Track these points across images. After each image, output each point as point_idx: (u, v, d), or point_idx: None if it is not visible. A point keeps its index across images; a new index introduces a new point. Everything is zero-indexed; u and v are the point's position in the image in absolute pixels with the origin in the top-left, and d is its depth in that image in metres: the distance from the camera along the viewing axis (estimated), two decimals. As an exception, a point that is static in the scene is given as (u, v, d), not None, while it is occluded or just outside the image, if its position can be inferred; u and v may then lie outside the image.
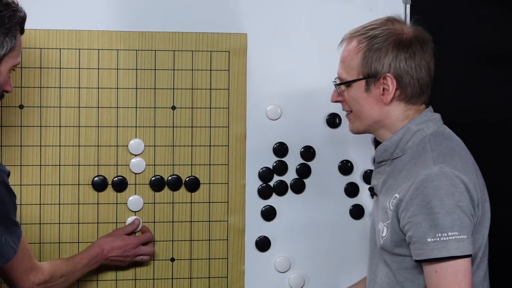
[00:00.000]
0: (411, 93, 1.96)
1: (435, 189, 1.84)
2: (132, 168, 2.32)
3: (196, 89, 2.35)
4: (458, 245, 1.82)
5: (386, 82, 1.95)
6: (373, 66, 1.95)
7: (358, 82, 1.98)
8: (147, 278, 2.34)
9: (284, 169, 2.40)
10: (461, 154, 1.92)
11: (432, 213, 1.83)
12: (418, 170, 1.89)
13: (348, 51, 2.00)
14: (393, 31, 1.97)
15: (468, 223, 1.84)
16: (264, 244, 2.40)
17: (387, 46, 1.95)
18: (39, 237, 2.29)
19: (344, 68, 2.01)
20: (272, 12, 2.38)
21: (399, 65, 1.94)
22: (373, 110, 1.98)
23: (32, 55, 2.27)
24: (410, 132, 1.96)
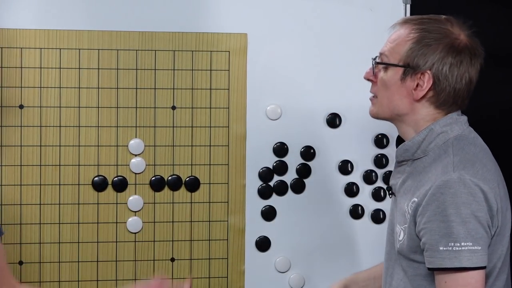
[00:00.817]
0: (443, 99, 1.90)
1: (452, 197, 1.79)
2: (132, 168, 2.32)
3: (196, 89, 2.35)
4: (471, 256, 1.77)
5: (423, 78, 1.89)
6: (417, 58, 1.89)
7: (396, 68, 1.91)
8: (147, 278, 2.34)
9: (284, 169, 2.40)
10: (484, 161, 1.87)
11: (446, 221, 1.78)
12: (438, 174, 1.83)
13: (398, 34, 1.94)
14: (448, 32, 1.91)
15: (484, 234, 1.79)
16: (264, 244, 2.40)
17: (437, 46, 1.89)
18: (39, 237, 2.29)
19: (390, 48, 1.94)
20: (272, 12, 2.38)
21: (442, 67, 1.88)
22: (400, 101, 1.92)
23: (33, 55, 2.27)
24: (434, 133, 1.90)
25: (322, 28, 2.40)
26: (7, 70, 2.26)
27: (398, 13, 2.42)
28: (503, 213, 1.85)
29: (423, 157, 1.91)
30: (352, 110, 2.42)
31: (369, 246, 2.44)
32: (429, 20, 1.94)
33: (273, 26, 2.38)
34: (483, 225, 1.79)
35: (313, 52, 2.40)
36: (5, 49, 2.26)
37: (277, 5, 2.38)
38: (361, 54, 2.41)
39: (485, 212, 1.79)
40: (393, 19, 2.42)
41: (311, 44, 2.40)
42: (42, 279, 2.29)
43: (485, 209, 1.80)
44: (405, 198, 1.90)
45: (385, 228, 2.43)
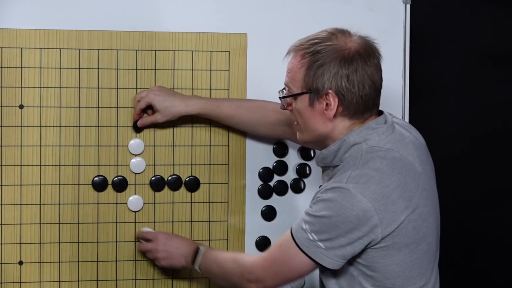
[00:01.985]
0: (354, 109, 1.95)
1: (330, 200, 1.90)
2: (132, 168, 2.32)
3: (196, 89, 2.35)
4: (310, 246, 1.92)
5: (328, 98, 1.94)
6: (315, 82, 1.95)
7: (302, 96, 1.98)
8: (147, 278, 2.34)
9: (284, 169, 2.40)
10: (383, 177, 1.91)
11: (315, 215, 1.91)
12: (334, 181, 1.93)
13: (292, 64, 2.00)
14: (335, 46, 1.95)
15: (335, 241, 1.90)
16: (264, 244, 2.40)
17: (329, 63, 1.93)
18: (39, 237, 2.29)
19: (290, 79, 2.01)
20: (272, 12, 2.38)
21: (340, 82, 1.93)
22: (318, 124, 1.98)
23: (32, 55, 2.27)
24: (347, 144, 1.96)
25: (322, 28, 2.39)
26: (7, 70, 2.26)
27: (398, 13, 2.42)
28: (400, 225, 1.90)
29: (339, 165, 1.98)
30: (352, 110, 2.42)
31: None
32: (315, 41, 1.98)
33: (273, 26, 2.38)
34: (340, 235, 1.89)
35: (313, 52, 2.40)
36: (5, 49, 2.26)
37: (277, 5, 2.38)
38: (361, 54, 2.41)
39: (350, 225, 1.88)
40: (393, 19, 2.43)
41: (311, 44, 2.39)
42: (42, 279, 2.29)
43: (353, 223, 1.88)
44: None
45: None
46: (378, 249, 1.92)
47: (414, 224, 1.92)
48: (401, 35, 2.43)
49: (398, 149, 1.95)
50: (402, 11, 2.43)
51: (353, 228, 1.88)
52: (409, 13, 2.43)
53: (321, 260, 1.92)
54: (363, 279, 1.96)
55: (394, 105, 2.42)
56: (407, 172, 1.94)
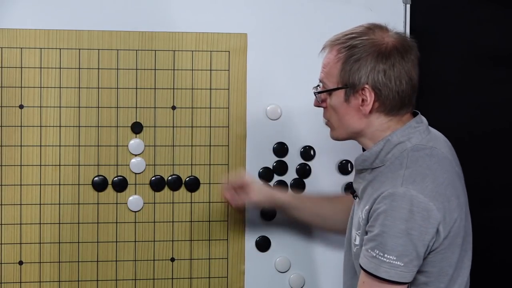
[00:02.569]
0: (390, 105, 1.92)
1: (392, 209, 1.82)
2: (132, 168, 2.32)
3: (196, 89, 2.35)
4: (390, 270, 1.82)
5: (364, 93, 1.91)
6: (351, 77, 1.92)
7: (337, 91, 1.95)
8: (147, 278, 2.34)
9: (284, 169, 2.40)
10: (437, 174, 1.87)
11: (381, 230, 1.82)
12: (387, 185, 1.87)
13: (328, 59, 1.98)
14: (372, 41, 1.92)
15: (412, 252, 1.82)
16: (264, 244, 2.40)
17: (365, 57, 1.91)
18: (39, 237, 2.29)
19: (325, 74, 1.98)
20: (272, 12, 2.38)
21: (377, 77, 1.90)
22: (352, 120, 1.96)
23: (32, 55, 2.27)
24: (391, 144, 1.93)
25: (322, 28, 2.40)
26: (7, 70, 2.26)
27: (398, 13, 2.42)
28: (454, 224, 1.87)
29: (381, 166, 1.93)
30: (352, 110, 2.42)
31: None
32: (351, 35, 1.95)
33: (273, 26, 2.38)
34: (415, 243, 1.82)
35: (313, 52, 2.39)
36: (5, 49, 2.26)
37: (277, 5, 2.38)
38: (361, 54, 2.41)
39: (420, 231, 1.82)
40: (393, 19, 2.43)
41: (311, 44, 2.39)
42: (42, 279, 2.29)
43: (422, 227, 1.82)
44: (363, 205, 1.94)
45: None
46: (438, 252, 1.86)
47: (463, 223, 1.89)
48: (401, 35, 2.43)
49: (440, 147, 1.93)
50: (402, 11, 2.43)
51: (423, 232, 1.82)
52: (409, 13, 2.43)
53: (404, 278, 1.83)
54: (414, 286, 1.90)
55: (394, 105, 2.43)
56: (452, 170, 1.92)
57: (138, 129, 2.32)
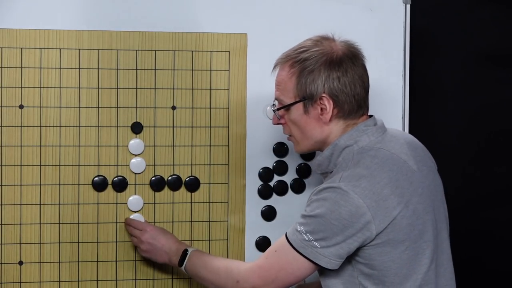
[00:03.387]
0: (348, 109, 2.01)
1: (323, 198, 1.93)
2: (132, 168, 2.32)
3: (196, 89, 2.35)
4: (304, 244, 1.94)
5: (323, 103, 2.00)
6: (308, 88, 2.00)
7: (296, 105, 2.03)
8: (147, 278, 2.34)
9: (284, 169, 2.40)
10: (374, 174, 1.94)
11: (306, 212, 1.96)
12: (326, 183, 1.97)
13: (281, 76, 2.05)
14: (322, 51, 2.01)
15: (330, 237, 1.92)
16: (264, 244, 2.40)
17: (318, 68, 1.99)
18: (39, 237, 2.29)
19: (281, 91, 2.06)
20: (272, 12, 2.38)
21: (333, 84, 1.99)
22: (314, 130, 2.03)
23: (32, 55, 2.27)
24: (338, 148, 2.01)
25: (322, 28, 2.39)
26: (7, 70, 2.26)
27: (398, 13, 2.42)
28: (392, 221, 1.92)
29: (335, 169, 2.02)
30: (352, 110, 2.42)
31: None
32: (301, 49, 2.04)
33: (273, 26, 2.38)
34: (335, 231, 1.91)
35: (313, 52, 2.40)
36: (5, 49, 2.26)
37: (277, 5, 2.38)
38: (361, 54, 2.41)
39: (344, 223, 1.91)
40: (393, 19, 2.43)
41: (311, 44, 2.39)
42: (42, 279, 2.29)
43: (346, 221, 1.91)
44: None
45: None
46: (374, 246, 1.94)
47: (409, 221, 1.94)
48: (401, 35, 2.43)
49: (389, 148, 1.99)
50: (402, 11, 2.43)
51: (347, 225, 1.91)
52: (409, 13, 2.43)
53: (318, 260, 1.94)
54: (363, 278, 1.97)
55: (394, 105, 2.42)
56: (398, 169, 1.96)
57: (138, 129, 2.32)
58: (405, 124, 2.44)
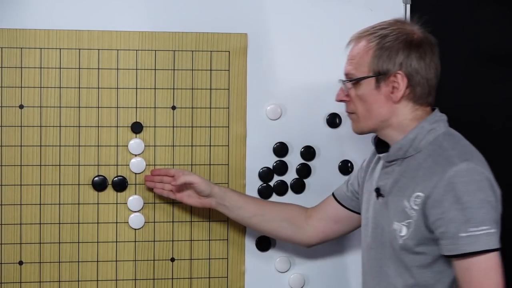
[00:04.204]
0: (420, 92, 1.98)
1: (465, 185, 1.87)
2: (132, 168, 2.32)
3: (196, 89, 2.35)
4: (489, 239, 1.85)
5: (396, 80, 1.97)
6: (384, 64, 1.97)
7: (368, 80, 1.99)
8: (147, 278, 2.34)
9: (284, 169, 2.40)
10: (476, 153, 1.95)
11: (464, 209, 1.85)
12: (444, 167, 1.90)
13: (357, 49, 2.02)
14: (403, 30, 1.99)
15: (496, 216, 1.88)
16: (264, 244, 2.40)
17: (398, 45, 1.97)
18: (39, 237, 2.29)
19: (353, 65, 2.02)
20: (272, 12, 2.38)
21: (410, 63, 1.96)
22: (381, 108, 1.99)
23: (32, 55, 2.27)
24: (424, 131, 1.97)
25: (322, 28, 2.40)
26: (7, 70, 2.26)
27: (398, 13, 2.42)
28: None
29: (415, 154, 1.98)
30: (352, 110, 2.42)
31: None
32: (381, 27, 2.01)
33: (273, 26, 2.38)
34: (494, 208, 1.87)
35: (313, 52, 2.40)
36: (5, 49, 2.26)
37: (277, 5, 2.38)
38: (361, 54, 2.41)
39: (493, 196, 1.88)
40: (393, 19, 2.43)
41: (311, 44, 2.40)
42: (42, 279, 2.29)
43: (492, 194, 1.88)
44: (402, 196, 1.96)
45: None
46: None
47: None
48: (401, 35, 2.43)
49: None
50: (402, 11, 2.43)
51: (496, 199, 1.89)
52: (409, 13, 2.43)
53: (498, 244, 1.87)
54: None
55: (394, 105, 2.42)
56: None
57: (138, 129, 2.32)
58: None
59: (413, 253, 1.94)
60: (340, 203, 2.24)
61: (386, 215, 2.01)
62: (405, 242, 1.95)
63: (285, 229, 2.27)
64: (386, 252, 2.01)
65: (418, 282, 1.95)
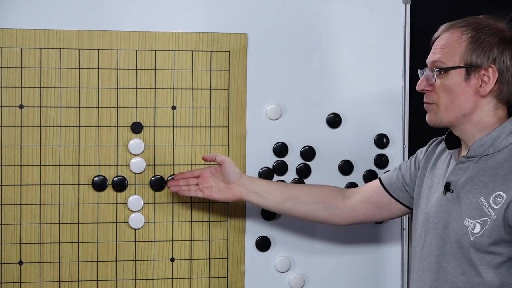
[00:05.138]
0: (506, 91, 1.98)
1: None
2: (132, 168, 2.32)
3: (196, 89, 2.35)
4: None
5: (487, 74, 1.96)
6: (478, 56, 1.96)
7: (457, 70, 1.97)
8: (147, 278, 2.34)
9: (284, 169, 2.40)
10: None
11: None
12: None
13: (449, 39, 2.00)
14: (497, 27, 1.99)
15: None
16: (264, 244, 2.40)
17: (492, 40, 1.96)
18: (39, 237, 2.29)
19: (444, 54, 2.00)
20: (272, 12, 2.38)
21: (503, 60, 1.96)
22: (466, 100, 1.98)
23: (32, 55, 2.27)
24: (507, 130, 1.97)
25: (322, 28, 2.40)
26: (7, 70, 2.26)
27: (398, 13, 2.42)
28: None
29: (494, 153, 1.97)
30: (352, 110, 2.42)
31: (369, 246, 2.44)
32: (474, 20, 2.01)
33: (273, 26, 2.38)
34: None
35: (313, 52, 2.40)
36: (5, 49, 2.26)
37: (277, 5, 2.38)
38: (361, 54, 2.41)
39: None
40: (393, 19, 2.43)
41: (311, 44, 2.40)
42: (42, 279, 2.29)
43: None
44: (478, 193, 1.96)
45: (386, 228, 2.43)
46: None
47: None
48: (401, 35, 2.43)
49: None
50: (402, 11, 2.43)
51: None
52: (409, 13, 2.43)
53: None
54: None
55: (394, 105, 2.42)
56: None
57: (138, 129, 2.32)
58: (405, 124, 2.44)
59: (484, 252, 1.93)
60: (387, 190, 2.22)
61: (456, 210, 1.99)
62: (477, 240, 1.94)
63: (321, 210, 2.24)
64: (446, 248, 2.00)
65: (484, 281, 1.93)
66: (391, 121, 2.44)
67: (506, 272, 1.92)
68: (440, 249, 2.01)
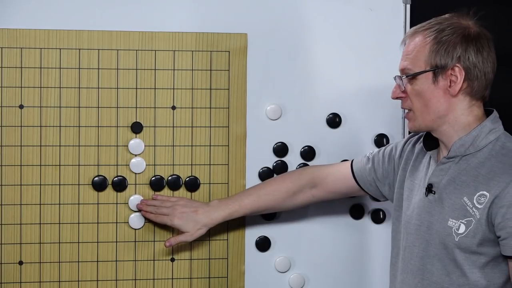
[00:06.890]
0: (477, 86, 1.98)
1: None
2: (132, 168, 2.32)
3: (196, 89, 2.35)
4: None
5: (454, 74, 1.96)
6: (442, 58, 1.96)
7: (425, 74, 1.98)
8: (147, 278, 2.34)
9: (284, 169, 2.40)
10: None
11: None
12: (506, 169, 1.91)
13: (413, 44, 2.00)
14: (459, 25, 1.99)
15: None
16: (264, 244, 2.40)
17: (455, 39, 1.96)
18: (39, 237, 2.29)
19: (410, 60, 2.00)
20: (272, 12, 2.38)
21: (468, 57, 1.96)
22: (439, 102, 1.98)
23: (32, 55, 2.27)
24: (486, 129, 1.98)
25: (322, 28, 2.40)
26: (7, 70, 2.26)
27: (398, 13, 2.42)
28: None
29: (475, 152, 1.97)
30: (352, 110, 2.42)
31: (369, 246, 2.44)
32: (437, 22, 2.01)
33: (273, 26, 2.38)
34: None
35: (313, 52, 2.40)
36: (5, 49, 2.26)
37: (277, 5, 2.38)
38: (361, 54, 2.41)
39: None
40: (393, 19, 2.43)
41: (311, 44, 2.39)
42: (42, 279, 2.29)
43: None
44: (461, 193, 1.95)
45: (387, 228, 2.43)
46: None
47: None
48: (401, 35, 2.43)
49: None
50: (402, 11, 2.43)
51: None
52: (409, 13, 2.43)
53: None
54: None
55: (394, 105, 2.42)
56: None
57: (138, 129, 2.32)
58: (405, 124, 2.44)
59: (469, 252, 1.93)
60: (358, 183, 2.25)
61: (439, 211, 1.99)
62: (462, 240, 1.94)
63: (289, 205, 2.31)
64: (431, 250, 2.00)
65: (469, 281, 1.94)
66: (391, 121, 2.44)
67: (491, 272, 1.92)
68: (424, 250, 2.01)
